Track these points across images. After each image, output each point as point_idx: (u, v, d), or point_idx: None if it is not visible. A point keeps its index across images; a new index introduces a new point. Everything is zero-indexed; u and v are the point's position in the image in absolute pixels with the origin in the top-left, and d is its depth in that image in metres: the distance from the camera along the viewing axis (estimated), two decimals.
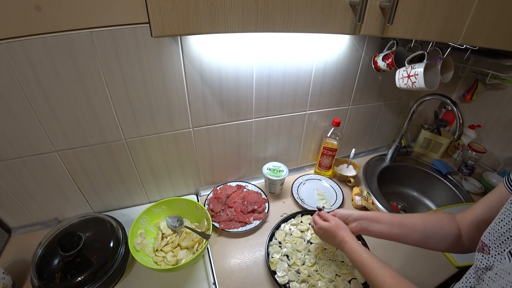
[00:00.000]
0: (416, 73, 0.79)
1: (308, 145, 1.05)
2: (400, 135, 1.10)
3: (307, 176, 1.04)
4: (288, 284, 0.66)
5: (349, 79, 0.92)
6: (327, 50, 0.81)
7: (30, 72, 0.56)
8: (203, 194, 0.94)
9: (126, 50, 0.60)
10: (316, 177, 1.04)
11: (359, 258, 0.55)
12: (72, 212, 0.81)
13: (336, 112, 0.99)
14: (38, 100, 0.60)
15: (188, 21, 0.42)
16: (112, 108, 0.67)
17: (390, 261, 0.73)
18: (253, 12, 0.45)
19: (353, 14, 0.52)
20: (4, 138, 0.62)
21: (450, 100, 0.87)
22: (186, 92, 0.72)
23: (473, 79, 1.12)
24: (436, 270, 0.73)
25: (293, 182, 1.00)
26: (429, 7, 0.57)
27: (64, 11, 0.51)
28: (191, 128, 0.79)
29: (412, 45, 0.86)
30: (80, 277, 0.58)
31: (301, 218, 0.84)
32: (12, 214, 0.76)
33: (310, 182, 1.03)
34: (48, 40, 0.53)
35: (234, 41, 0.69)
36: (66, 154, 0.70)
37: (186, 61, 0.67)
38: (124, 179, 0.81)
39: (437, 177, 1.10)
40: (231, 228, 0.80)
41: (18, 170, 0.68)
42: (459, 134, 0.85)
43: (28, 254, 0.66)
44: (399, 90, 0.92)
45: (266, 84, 0.80)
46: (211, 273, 0.69)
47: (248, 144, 0.92)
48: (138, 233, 0.70)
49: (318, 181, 1.03)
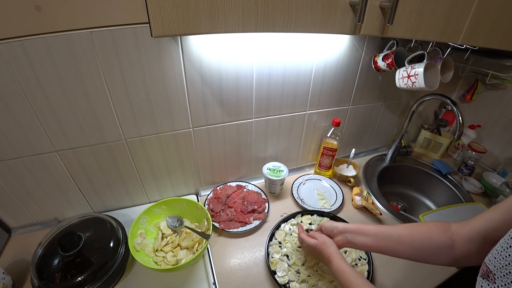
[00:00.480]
0: (416, 73, 0.79)
1: (308, 145, 1.05)
2: (400, 135, 1.11)
3: (307, 176, 1.04)
4: (288, 284, 0.66)
5: (349, 79, 0.92)
6: (327, 50, 0.81)
7: (30, 72, 0.56)
8: (203, 194, 0.94)
9: (126, 50, 0.60)
10: (316, 177, 1.04)
11: (343, 280, 0.53)
12: (72, 212, 0.81)
13: (336, 112, 0.99)
14: (38, 100, 0.60)
15: (188, 21, 0.42)
16: (112, 108, 0.67)
17: (390, 262, 0.74)
18: (253, 12, 0.45)
19: (353, 14, 0.52)
20: (4, 138, 0.62)
21: (450, 100, 0.87)
22: (186, 92, 0.72)
23: (473, 79, 1.12)
24: (436, 270, 0.73)
25: (293, 182, 1.00)
26: (429, 7, 0.57)
27: (64, 11, 0.51)
28: (191, 128, 0.79)
29: (412, 45, 0.86)
30: (80, 277, 0.58)
31: (301, 218, 0.84)
32: (12, 214, 0.76)
33: (310, 182, 1.03)
34: (48, 40, 0.53)
35: (234, 41, 0.69)
36: (66, 154, 0.70)
37: (186, 61, 0.67)
38: (124, 179, 0.81)
39: (437, 177, 1.10)
40: (231, 228, 0.80)
41: (18, 170, 0.68)
42: (459, 134, 0.85)
43: (28, 254, 0.66)
44: (399, 90, 0.92)
45: (266, 84, 0.80)
46: (211, 273, 0.69)
47: (248, 144, 0.92)
48: (138, 233, 0.70)
49: (318, 181, 1.03)
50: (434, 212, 0.94)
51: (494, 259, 0.37)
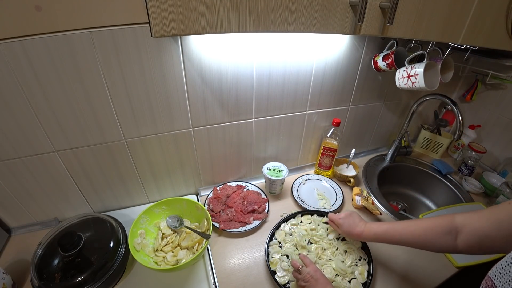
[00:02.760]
0: (416, 73, 0.79)
1: (308, 145, 1.05)
2: (400, 135, 1.10)
3: (307, 176, 1.04)
4: (288, 284, 0.66)
5: (349, 79, 0.92)
6: (327, 50, 0.81)
7: (30, 72, 0.56)
8: (203, 194, 0.94)
9: (126, 50, 0.60)
10: (316, 177, 1.04)
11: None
12: (72, 212, 0.81)
13: (336, 112, 0.99)
14: (38, 100, 0.60)
15: (188, 21, 0.42)
16: (112, 108, 0.67)
17: (390, 262, 0.74)
18: (253, 12, 0.45)
19: (353, 14, 0.52)
20: (4, 138, 0.62)
21: (450, 100, 0.87)
22: (186, 92, 0.72)
23: (473, 79, 1.12)
24: (436, 270, 0.73)
25: (293, 182, 1.00)
26: (429, 7, 0.57)
27: (64, 11, 0.51)
28: (191, 128, 0.79)
29: (412, 45, 0.86)
30: (80, 277, 0.58)
31: (301, 218, 0.84)
32: (12, 214, 0.76)
33: (310, 182, 1.03)
34: (48, 40, 0.53)
35: (234, 41, 0.69)
36: (66, 154, 0.70)
37: (186, 61, 0.67)
38: (124, 179, 0.81)
39: (437, 177, 1.10)
40: (231, 228, 0.80)
41: (18, 170, 0.68)
42: (459, 134, 0.85)
43: (28, 254, 0.66)
44: (399, 90, 0.92)
45: (266, 84, 0.80)
46: (211, 273, 0.69)
47: (248, 144, 0.92)
48: (138, 233, 0.70)
49: (318, 181, 1.03)
50: (434, 212, 0.94)
51: (499, 273, 0.37)
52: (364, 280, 0.67)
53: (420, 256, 0.75)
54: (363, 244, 0.75)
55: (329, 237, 0.78)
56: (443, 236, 0.54)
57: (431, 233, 0.57)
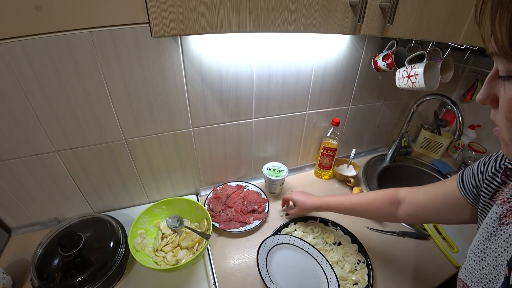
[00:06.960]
0: (416, 73, 0.79)
1: (308, 145, 1.05)
2: (400, 135, 1.11)
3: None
4: None
5: (349, 79, 0.92)
6: (327, 50, 0.81)
7: (30, 72, 0.56)
8: (203, 194, 0.94)
9: (126, 50, 0.60)
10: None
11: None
12: (72, 212, 0.81)
13: (336, 112, 0.99)
14: (38, 100, 0.60)
15: (188, 21, 0.42)
16: (112, 108, 0.67)
17: (390, 261, 0.74)
18: (253, 12, 0.45)
19: (353, 14, 0.52)
20: (4, 138, 0.62)
21: (450, 100, 0.87)
22: (186, 92, 0.72)
23: (473, 79, 1.12)
24: (436, 270, 0.73)
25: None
26: (429, 7, 0.57)
27: (64, 11, 0.51)
28: (191, 128, 0.79)
29: (412, 45, 0.86)
30: (80, 277, 0.58)
31: (295, 226, 0.83)
32: (12, 214, 0.76)
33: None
34: (48, 40, 0.53)
35: (234, 41, 0.69)
36: (66, 154, 0.70)
37: (186, 61, 0.67)
38: (124, 179, 0.81)
39: (437, 177, 1.10)
40: (231, 228, 0.80)
41: (18, 170, 0.68)
42: (459, 134, 0.85)
43: (28, 254, 0.66)
44: (399, 90, 0.92)
45: (266, 84, 0.80)
46: (211, 273, 0.69)
47: (248, 144, 0.92)
48: (138, 233, 0.70)
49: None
50: None
51: (470, 274, 0.38)
52: (366, 284, 0.66)
53: (420, 256, 0.75)
54: (360, 247, 0.75)
55: (327, 241, 0.78)
56: (388, 206, 0.61)
57: (378, 202, 0.63)
